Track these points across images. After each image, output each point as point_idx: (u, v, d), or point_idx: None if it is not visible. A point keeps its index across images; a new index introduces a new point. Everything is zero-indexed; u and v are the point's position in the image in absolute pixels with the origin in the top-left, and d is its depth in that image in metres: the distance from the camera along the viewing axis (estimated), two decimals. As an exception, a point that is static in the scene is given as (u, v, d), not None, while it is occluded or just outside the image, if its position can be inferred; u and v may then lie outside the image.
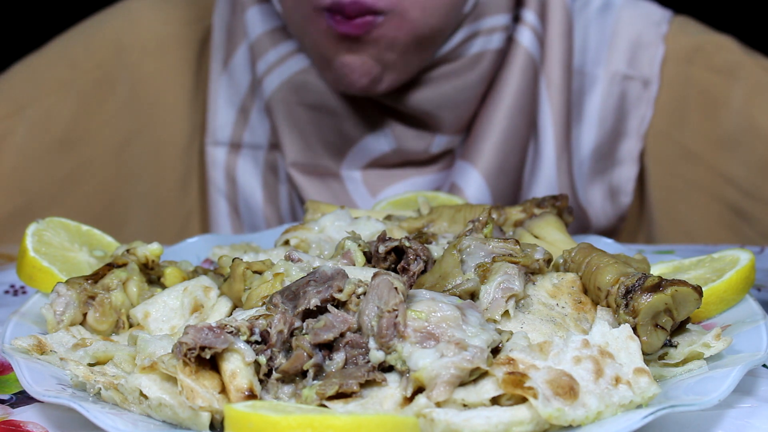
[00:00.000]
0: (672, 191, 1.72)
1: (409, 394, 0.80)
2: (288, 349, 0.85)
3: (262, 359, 0.84)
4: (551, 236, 1.09)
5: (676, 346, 0.92)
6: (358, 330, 0.85)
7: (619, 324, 0.89)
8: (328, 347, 0.84)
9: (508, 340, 0.85)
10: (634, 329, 0.88)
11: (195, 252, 1.29)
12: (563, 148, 1.64)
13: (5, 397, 0.94)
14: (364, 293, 0.86)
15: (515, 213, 1.15)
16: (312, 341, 0.84)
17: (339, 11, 1.41)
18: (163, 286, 1.09)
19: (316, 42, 1.49)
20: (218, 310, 0.98)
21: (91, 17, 1.77)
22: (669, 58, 1.68)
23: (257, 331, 0.85)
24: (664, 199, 1.72)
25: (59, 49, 1.73)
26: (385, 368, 0.84)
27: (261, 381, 0.84)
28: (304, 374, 0.83)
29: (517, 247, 0.96)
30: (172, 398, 0.83)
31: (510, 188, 1.64)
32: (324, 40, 1.47)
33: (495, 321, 0.90)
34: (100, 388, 0.87)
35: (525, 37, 1.60)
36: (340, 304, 0.87)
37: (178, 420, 0.82)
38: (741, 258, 1.04)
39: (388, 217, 1.19)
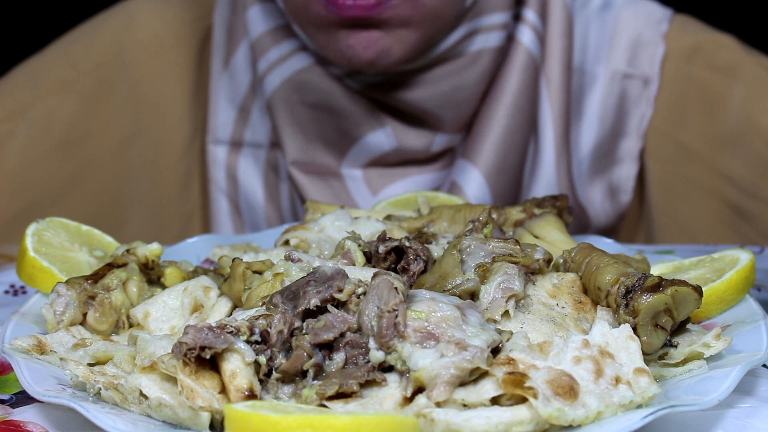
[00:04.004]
0: (672, 190, 1.72)
1: (409, 394, 0.80)
2: (288, 349, 0.85)
3: (262, 359, 0.84)
4: (551, 236, 1.09)
5: (676, 346, 0.92)
6: (358, 330, 0.85)
7: (619, 324, 0.89)
8: (328, 347, 0.84)
9: (508, 340, 0.85)
10: (634, 329, 0.88)
11: (195, 252, 1.29)
12: (563, 146, 1.64)
13: (5, 397, 0.95)
14: (364, 293, 0.86)
15: (515, 213, 1.15)
16: (312, 341, 0.84)
17: None
18: (163, 286, 1.09)
19: (317, 21, 1.47)
20: (218, 310, 0.98)
21: (91, 18, 1.77)
22: (669, 56, 1.68)
23: (257, 331, 0.85)
24: (664, 197, 1.73)
25: (60, 50, 1.74)
26: (385, 368, 0.84)
27: (261, 381, 0.84)
28: (304, 374, 0.84)
29: (517, 247, 0.96)
30: (172, 398, 0.83)
31: (510, 187, 1.64)
32: (325, 18, 1.45)
33: (495, 321, 0.90)
34: (100, 388, 0.87)
35: (525, 35, 1.60)
36: (340, 304, 0.87)
37: (178, 420, 0.82)
38: (741, 258, 1.04)
39: (388, 217, 1.19)
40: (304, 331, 0.85)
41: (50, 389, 0.87)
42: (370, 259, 1.02)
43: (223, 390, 0.83)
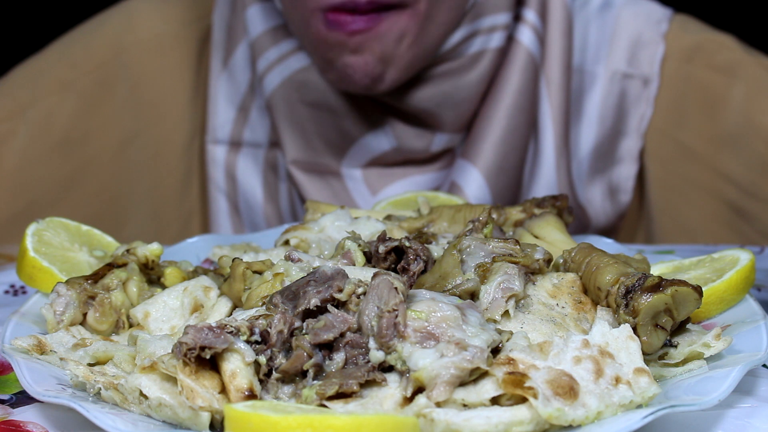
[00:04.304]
0: (671, 190, 1.72)
1: (409, 394, 0.80)
2: (288, 349, 0.85)
3: (262, 359, 0.84)
4: (551, 236, 1.09)
5: (676, 346, 0.92)
6: (358, 330, 0.85)
7: (619, 324, 0.89)
8: (328, 347, 0.84)
9: (508, 340, 0.85)
10: (634, 329, 0.88)
11: (195, 252, 1.29)
12: (563, 146, 1.64)
13: (5, 397, 0.95)
14: (364, 293, 0.86)
15: (515, 213, 1.15)
16: (312, 341, 0.84)
17: (352, 9, 1.41)
18: (163, 286, 1.09)
19: (316, 43, 1.49)
20: (218, 310, 0.98)
21: (91, 18, 1.77)
22: (669, 56, 1.68)
23: (257, 331, 0.85)
24: (664, 197, 1.73)
25: (60, 50, 1.74)
26: (385, 368, 0.84)
27: (261, 381, 0.84)
28: (304, 374, 0.84)
29: (517, 247, 0.96)
30: (172, 398, 0.83)
31: (510, 187, 1.64)
32: (324, 42, 1.47)
33: (495, 321, 0.90)
34: (100, 388, 0.87)
35: (525, 36, 1.60)
36: (340, 304, 0.87)
37: (178, 420, 0.82)
38: (741, 258, 1.04)
39: (388, 217, 1.19)
40: (304, 331, 0.85)
41: (50, 389, 0.87)
42: (370, 259, 1.02)
43: (223, 390, 0.83)
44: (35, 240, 1.12)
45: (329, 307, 0.86)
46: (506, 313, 0.91)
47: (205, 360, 0.83)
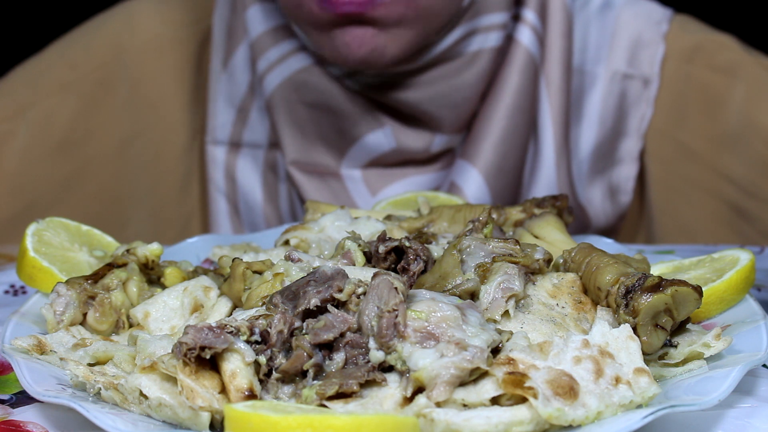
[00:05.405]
0: (672, 190, 1.72)
1: (409, 394, 0.80)
2: (288, 349, 0.85)
3: (262, 359, 0.84)
4: (551, 236, 1.09)
5: (676, 346, 0.92)
6: (358, 330, 0.85)
7: (619, 324, 0.89)
8: (328, 347, 0.84)
9: (508, 340, 0.85)
10: (634, 329, 0.88)
11: (195, 252, 1.29)
12: (563, 147, 1.64)
13: (5, 397, 0.95)
14: (364, 293, 0.86)
15: (515, 213, 1.15)
16: (312, 341, 0.84)
17: None
18: (163, 286, 1.09)
19: (312, 19, 1.47)
20: (218, 310, 0.98)
21: (91, 19, 1.77)
22: (669, 56, 1.68)
23: (257, 331, 0.85)
24: (664, 197, 1.73)
25: (60, 51, 1.74)
26: (385, 368, 0.84)
27: (261, 381, 0.84)
28: (304, 374, 0.84)
29: (517, 247, 0.96)
30: (172, 398, 0.83)
31: (509, 187, 1.64)
32: (320, 16, 1.45)
33: (495, 321, 0.90)
34: (100, 388, 0.87)
35: (525, 36, 1.60)
36: (340, 304, 0.87)
37: (178, 420, 0.82)
38: (741, 258, 1.04)
39: (388, 217, 1.19)
40: (304, 331, 0.85)
41: (50, 389, 0.87)
42: (370, 259, 1.02)
43: (223, 390, 0.83)
44: (35, 240, 1.12)
45: (329, 307, 0.86)
46: (506, 313, 0.91)
47: (205, 360, 0.83)
